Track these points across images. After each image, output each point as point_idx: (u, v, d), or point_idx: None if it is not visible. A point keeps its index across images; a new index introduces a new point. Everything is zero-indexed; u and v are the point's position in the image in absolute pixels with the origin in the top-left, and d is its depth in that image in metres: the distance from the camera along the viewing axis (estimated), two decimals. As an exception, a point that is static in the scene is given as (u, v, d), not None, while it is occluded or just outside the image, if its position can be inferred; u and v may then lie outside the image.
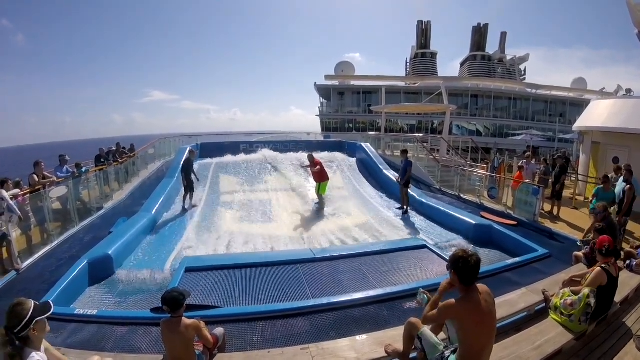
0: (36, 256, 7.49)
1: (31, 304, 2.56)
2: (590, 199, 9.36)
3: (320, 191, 12.19)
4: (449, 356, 3.04)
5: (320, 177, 12.12)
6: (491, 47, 66.59)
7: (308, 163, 12.61)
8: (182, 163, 12.00)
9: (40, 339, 2.60)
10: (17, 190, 7.83)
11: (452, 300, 2.88)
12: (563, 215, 11.06)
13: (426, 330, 3.26)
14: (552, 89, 47.37)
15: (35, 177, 8.94)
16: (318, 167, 12.06)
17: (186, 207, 11.65)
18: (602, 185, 8.97)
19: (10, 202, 7.04)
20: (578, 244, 7.93)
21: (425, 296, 3.56)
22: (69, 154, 11.17)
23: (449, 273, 3.02)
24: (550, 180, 11.76)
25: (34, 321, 2.50)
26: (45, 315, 2.60)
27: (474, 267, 2.83)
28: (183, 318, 3.26)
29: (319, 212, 11.75)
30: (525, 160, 12.48)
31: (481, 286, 2.94)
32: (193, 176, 11.95)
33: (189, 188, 11.79)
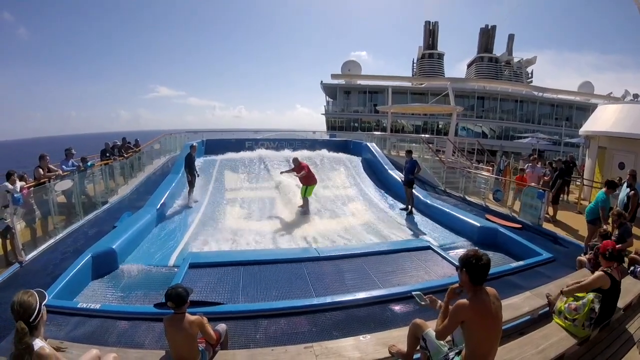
0: (40, 249, 7.48)
1: (35, 292, 2.62)
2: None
3: (306, 194, 11.75)
4: (453, 358, 3.03)
5: (308, 180, 11.76)
6: (499, 49, 66.47)
7: (291, 167, 12.49)
8: (185, 159, 12.04)
9: (42, 327, 2.65)
10: (23, 183, 7.85)
11: (464, 300, 2.88)
12: (568, 219, 10.99)
13: (431, 331, 3.24)
14: (558, 93, 47.28)
15: (40, 170, 8.96)
16: (304, 171, 11.73)
17: (190, 202, 11.72)
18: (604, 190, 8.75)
19: (13, 188, 7.10)
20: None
21: (423, 296, 3.55)
22: (75, 148, 11.18)
23: (458, 274, 3.01)
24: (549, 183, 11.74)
25: (43, 306, 2.59)
26: (45, 302, 2.66)
27: (485, 266, 2.83)
28: (186, 314, 3.26)
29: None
30: (530, 164, 12.43)
31: (489, 289, 2.92)
32: (194, 171, 12.03)
33: (193, 183, 11.87)
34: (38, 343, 2.51)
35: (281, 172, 13.18)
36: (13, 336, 2.45)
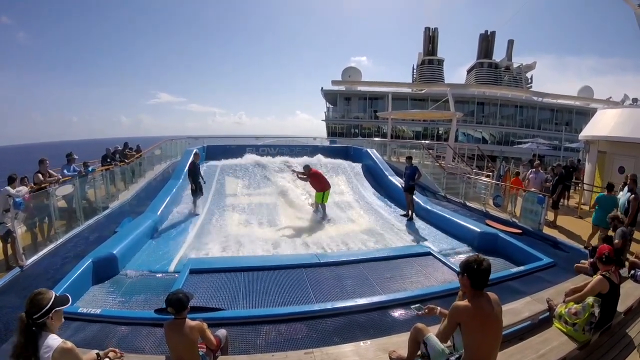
0: (40, 253, 7.47)
1: (52, 294, 2.71)
2: (592, 206, 9.33)
3: (323, 200, 11.85)
4: (453, 363, 3.04)
5: (322, 186, 11.87)
6: (498, 55, 66.55)
7: (296, 168, 12.71)
8: (187, 167, 12.03)
9: (56, 327, 2.71)
10: (24, 187, 7.87)
11: (462, 302, 2.91)
12: (568, 224, 11.00)
13: (432, 336, 3.25)
14: (558, 98, 47.37)
15: (40, 175, 8.98)
16: (310, 177, 11.97)
17: (195, 210, 11.69)
18: (605, 193, 9.00)
19: (15, 193, 7.13)
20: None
21: (421, 306, 3.57)
22: (76, 153, 11.19)
23: (459, 279, 3.04)
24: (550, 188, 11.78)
25: (53, 310, 2.64)
26: (64, 307, 2.74)
27: (485, 271, 2.87)
28: (187, 319, 3.28)
29: (321, 220, 11.64)
30: (534, 169, 12.46)
31: (491, 294, 2.96)
32: (200, 178, 11.99)
33: (197, 191, 11.83)
34: (56, 339, 2.62)
35: (293, 171, 13.30)
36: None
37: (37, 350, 2.52)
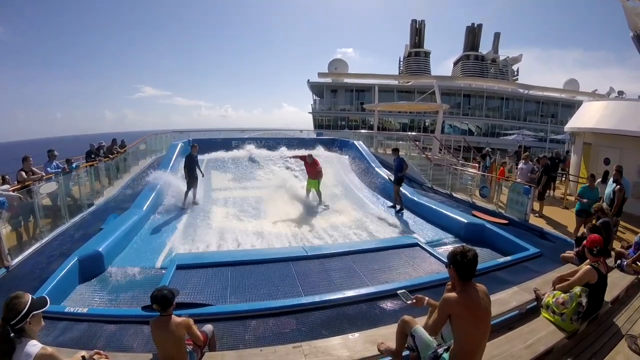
0: (26, 253, 7.37)
1: (29, 297, 2.63)
2: (575, 199, 9.42)
3: (315, 187, 12.31)
4: (442, 354, 3.04)
5: (317, 174, 12.29)
6: (484, 47, 66.81)
7: (294, 154, 13.59)
8: (184, 159, 11.92)
9: (35, 332, 2.65)
10: (7, 186, 7.73)
11: (452, 294, 2.91)
12: (554, 215, 11.10)
13: (419, 328, 3.25)
14: (544, 90, 47.73)
15: (23, 173, 8.83)
16: (318, 166, 12.41)
17: (185, 205, 11.56)
18: (587, 185, 9.16)
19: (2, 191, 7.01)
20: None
21: (408, 295, 3.56)
22: (61, 150, 11.01)
23: (448, 271, 3.05)
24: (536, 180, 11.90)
25: (31, 314, 2.57)
26: (42, 310, 2.66)
27: (471, 262, 2.87)
28: (173, 316, 3.24)
29: (314, 207, 11.66)
30: (523, 160, 12.58)
31: (479, 285, 2.97)
32: (198, 171, 11.86)
33: (191, 184, 11.70)
34: (36, 345, 2.55)
35: (290, 157, 13.58)
36: None
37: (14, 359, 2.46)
